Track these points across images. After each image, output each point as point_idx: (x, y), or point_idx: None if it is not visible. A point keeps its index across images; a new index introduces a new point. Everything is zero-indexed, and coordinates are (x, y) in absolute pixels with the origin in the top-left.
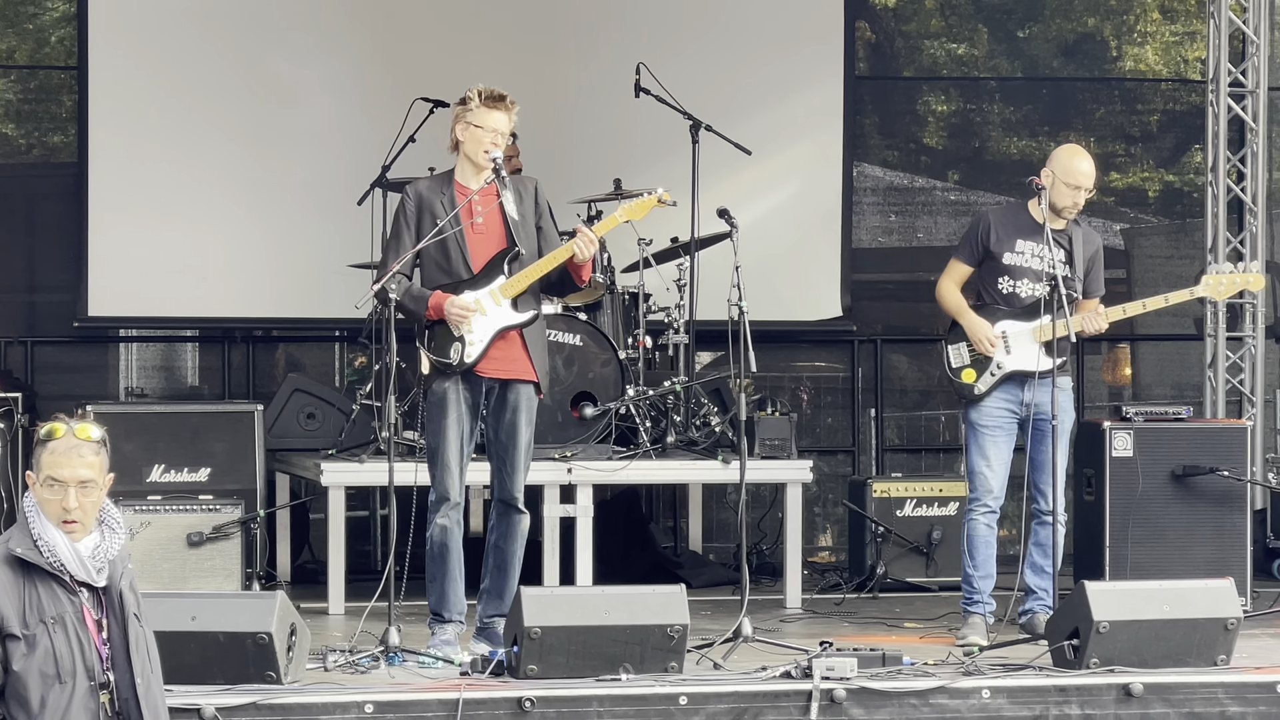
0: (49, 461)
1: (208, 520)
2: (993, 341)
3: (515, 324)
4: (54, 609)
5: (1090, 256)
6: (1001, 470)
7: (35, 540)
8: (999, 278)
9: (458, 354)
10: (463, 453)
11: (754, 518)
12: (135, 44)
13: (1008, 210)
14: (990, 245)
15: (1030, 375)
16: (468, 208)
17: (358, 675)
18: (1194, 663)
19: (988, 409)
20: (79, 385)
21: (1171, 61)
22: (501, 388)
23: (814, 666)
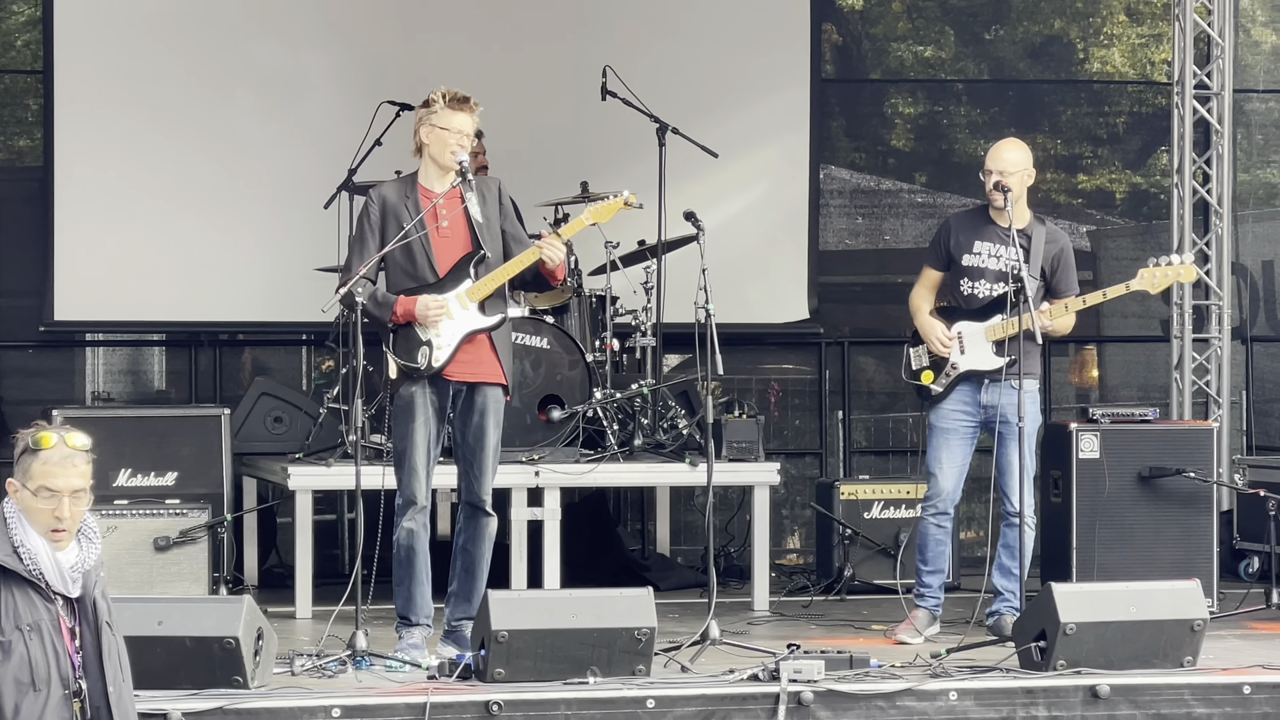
0: (41, 471)
1: (174, 524)
2: (944, 341)
3: (482, 328)
4: (30, 616)
5: (1054, 255)
6: (954, 473)
7: (15, 547)
8: (960, 279)
9: (425, 358)
10: (429, 456)
11: (722, 520)
12: (101, 48)
13: (968, 214)
14: (951, 249)
15: (985, 375)
16: (433, 211)
17: (325, 679)
18: (1160, 664)
19: (945, 411)
20: (45, 390)
21: (1138, 63)
22: (469, 390)
23: (781, 669)
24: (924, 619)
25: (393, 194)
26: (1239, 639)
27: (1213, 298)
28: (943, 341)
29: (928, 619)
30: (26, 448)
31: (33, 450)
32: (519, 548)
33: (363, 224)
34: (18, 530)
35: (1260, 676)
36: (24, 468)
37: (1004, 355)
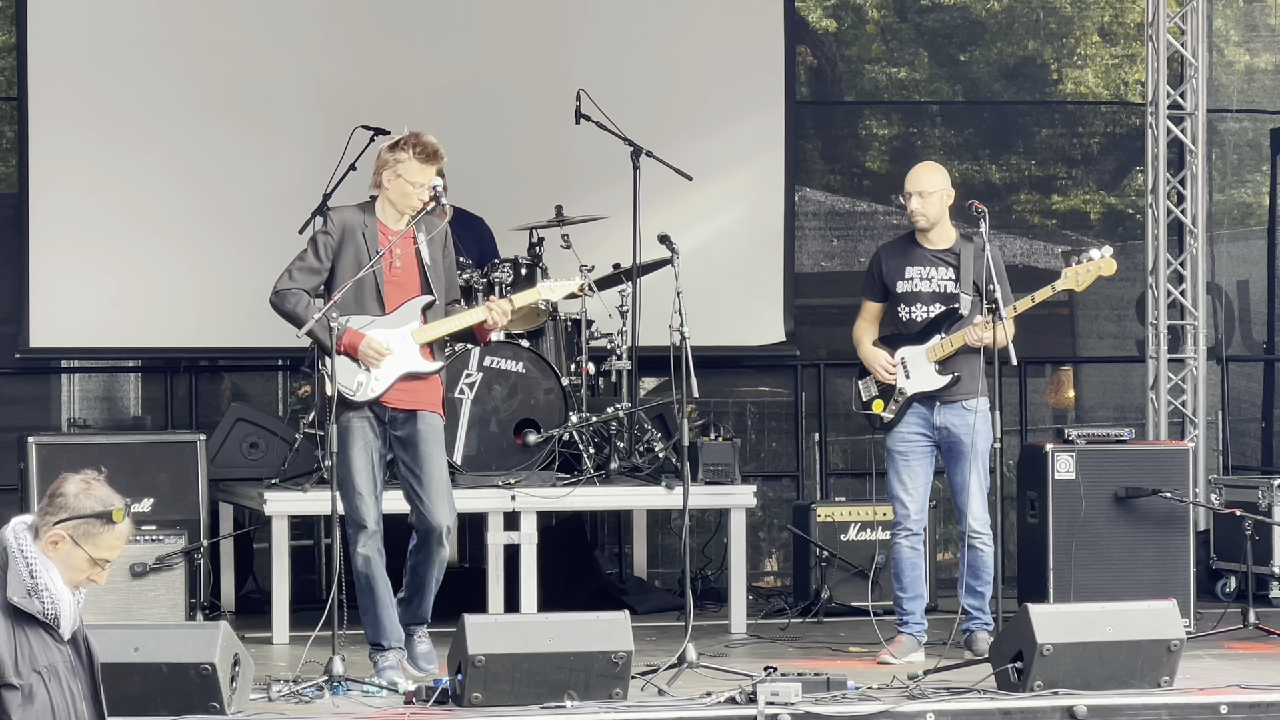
0: (109, 544)
1: (151, 551)
2: (887, 369)
3: (422, 372)
4: (46, 659)
5: (983, 268)
6: (919, 493)
7: (31, 589)
8: (897, 307)
9: (360, 388)
10: (375, 479)
11: (698, 543)
12: (75, 75)
13: (897, 242)
14: (884, 278)
15: (934, 397)
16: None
17: (302, 705)
18: (1138, 684)
19: (900, 435)
20: (20, 416)
21: (1112, 84)
22: (407, 418)
23: (758, 692)
24: (909, 644)
25: (352, 220)
26: (1216, 659)
27: (1188, 318)
28: (886, 369)
29: (913, 644)
30: (97, 513)
31: (106, 521)
32: (496, 572)
33: (316, 242)
34: (42, 573)
35: (1237, 696)
36: (89, 533)
37: (947, 373)
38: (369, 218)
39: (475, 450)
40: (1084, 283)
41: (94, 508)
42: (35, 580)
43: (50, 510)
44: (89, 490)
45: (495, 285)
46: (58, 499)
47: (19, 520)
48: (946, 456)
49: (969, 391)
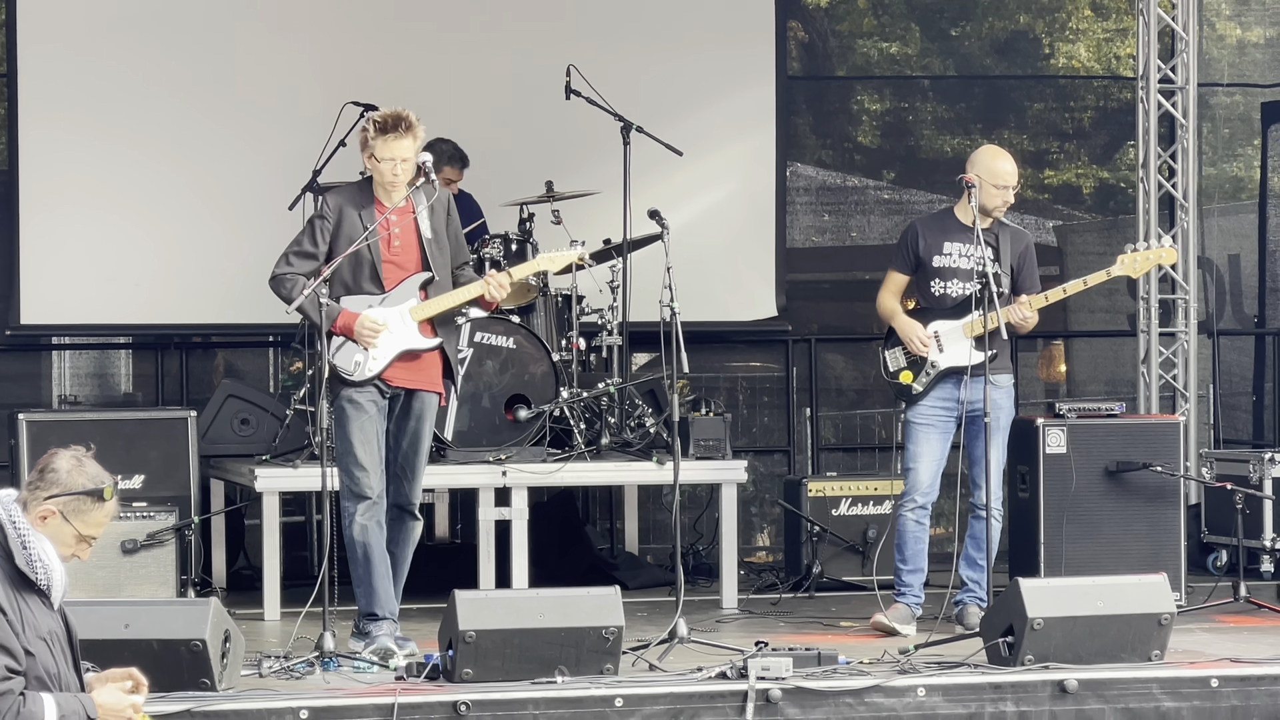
0: (97, 521)
1: (142, 527)
2: (924, 341)
3: (419, 349)
4: (45, 625)
5: (1020, 254)
6: (933, 467)
7: (28, 560)
8: (931, 281)
9: (358, 367)
10: (378, 452)
11: (690, 518)
12: (65, 51)
13: (934, 217)
14: (920, 252)
15: (964, 371)
16: (385, 225)
17: (293, 681)
18: (1128, 658)
19: (923, 408)
20: (11, 393)
21: (1103, 58)
22: (406, 396)
23: (749, 667)
24: (903, 613)
25: (349, 203)
26: (1207, 632)
27: (1179, 292)
28: (923, 341)
29: (908, 614)
30: (88, 490)
31: (97, 498)
32: (487, 548)
33: (314, 223)
34: (35, 544)
35: (1228, 670)
36: (79, 509)
37: (983, 350)
38: (366, 197)
39: (466, 426)
40: (1140, 270)
41: (85, 485)
42: (29, 552)
43: (41, 485)
44: (80, 467)
45: (485, 261)
46: (49, 474)
47: (7, 493)
48: (968, 430)
49: (998, 367)
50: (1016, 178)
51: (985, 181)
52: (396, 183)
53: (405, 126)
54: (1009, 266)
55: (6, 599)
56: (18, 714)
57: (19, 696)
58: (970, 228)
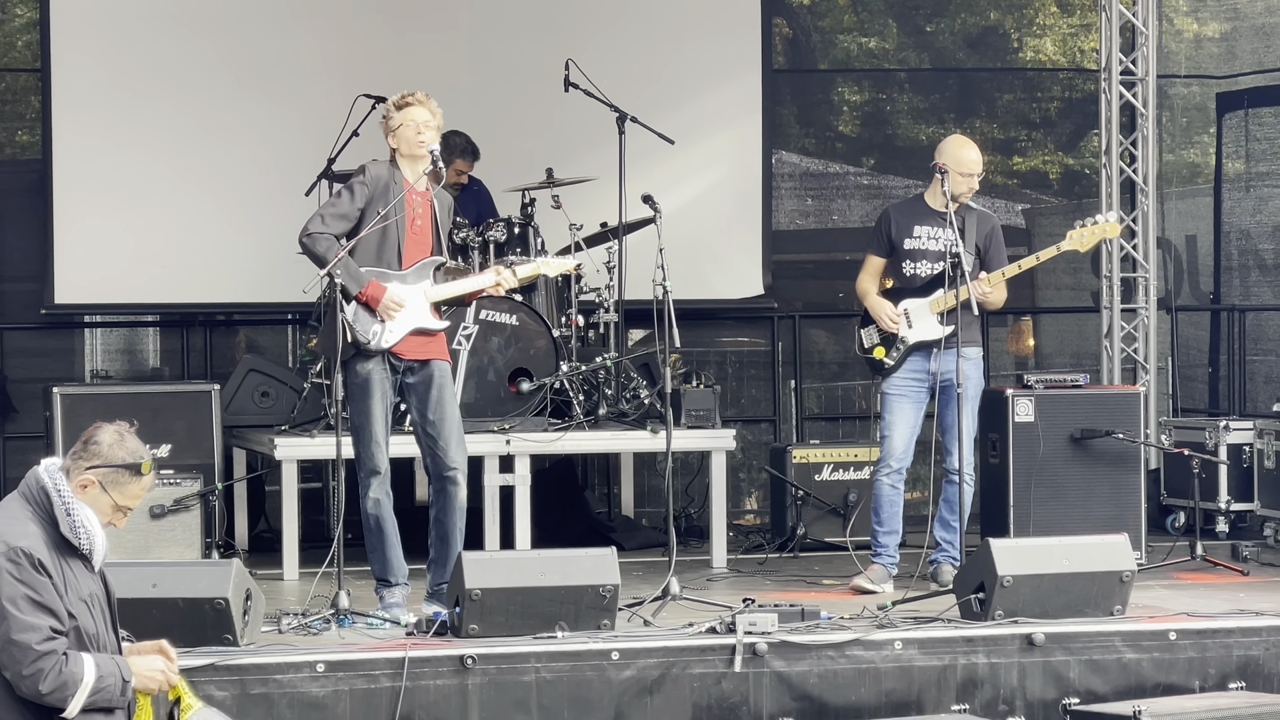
0: (134, 494)
1: (169, 494)
2: (894, 319)
3: (431, 329)
4: (87, 588)
5: (986, 235)
6: (907, 435)
7: (71, 525)
8: (902, 262)
9: (375, 337)
10: (387, 427)
11: (682, 484)
12: (95, 48)
13: (906, 202)
14: (892, 235)
15: (933, 345)
16: (410, 206)
17: (310, 637)
18: (1092, 613)
19: (896, 380)
20: (47, 368)
21: (1069, 52)
22: (421, 367)
23: (737, 622)
24: (881, 573)
25: (385, 175)
26: (1166, 589)
27: (1139, 270)
28: (891, 319)
29: (884, 574)
30: (127, 464)
31: (135, 472)
32: (492, 512)
33: (352, 189)
34: (77, 510)
35: (1185, 624)
36: (117, 481)
37: (949, 324)
38: (397, 176)
39: (473, 398)
40: (1087, 244)
41: (125, 459)
42: (72, 518)
43: (84, 455)
44: (122, 442)
45: (490, 243)
46: (92, 446)
47: (50, 462)
48: (940, 399)
49: (966, 340)
50: (981, 165)
51: (952, 169)
52: (420, 150)
53: (420, 97)
54: (974, 247)
55: (51, 563)
56: (60, 672)
57: (61, 656)
58: (939, 211)
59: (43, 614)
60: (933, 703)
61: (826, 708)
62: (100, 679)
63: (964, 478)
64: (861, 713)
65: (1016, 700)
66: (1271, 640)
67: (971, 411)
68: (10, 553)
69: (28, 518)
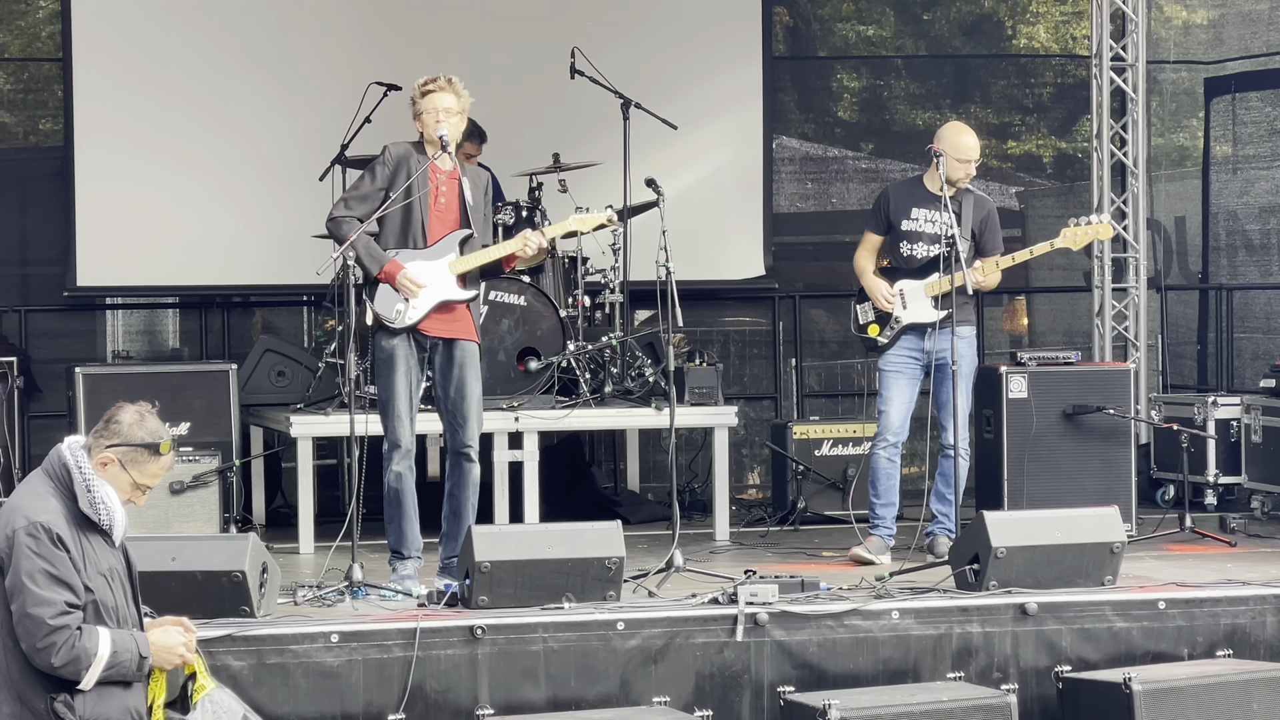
0: (153, 472)
1: (188, 470)
2: (888, 298)
3: (457, 300)
4: (106, 563)
5: (982, 219)
6: (902, 410)
7: (91, 502)
8: (899, 242)
9: (399, 315)
10: (411, 403)
11: (686, 459)
12: (115, 36)
13: (905, 183)
14: (890, 215)
15: (926, 326)
16: (434, 185)
17: (325, 608)
18: (1083, 583)
19: (891, 358)
20: (69, 349)
21: (1061, 38)
22: (446, 346)
23: (739, 593)
24: (878, 544)
25: (407, 155)
26: (1155, 560)
27: (1130, 251)
28: (887, 298)
29: (881, 545)
30: (146, 444)
31: (154, 452)
32: (501, 487)
33: (374, 170)
34: (98, 487)
35: (1174, 593)
36: (136, 460)
37: (941, 309)
38: (421, 155)
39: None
40: (1080, 243)
41: (144, 438)
42: (92, 494)
43: (105, 434)
44: (142, 422)
45: (499, 226)
46: (113, 425)
47: (73, 440)
48: (935, 377)
49: (960, 319)
50: (979, 152)
51: (949, 155)
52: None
53: (446, 82)
54: (970, 231)
55: (71, 537)
56: (73, 647)
57: (75, 631)
58: (937, 195)
59: (59, 588)
60: (929, 670)
61: (825, 675)
62: (115, 654)
63: (959, 453)
64: (860, 680)
65: (1010, 668)
66: (1258, 609)
67: (966, 388)
68: (30, 527)
69: (49, 493)
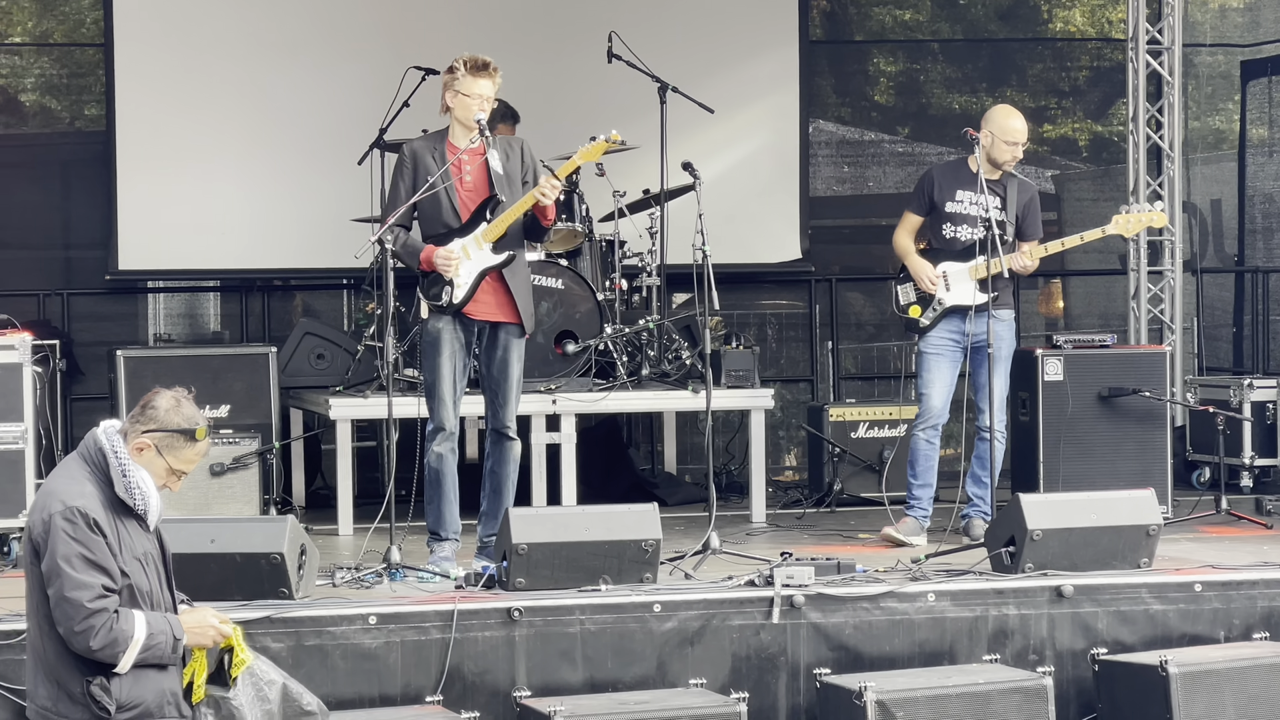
0: (190, 458)
1: (229, 452)
2: (933, 280)
3: (495, 264)
4: (141, 547)
5: (1025, 204)
6: (944, 392)
7: (127, 486)
8: (943, 224)
9: (448, 296)
10: (456, 387)
11: (723, 441)
12: (155, 23)
13: (949, 165)
14: (934, 196)
15: (968, 309)
16: (457, 164)
17: (363, 590)
18: (1119, 566)
19: (932, 339)
20: (111, 332)
21: (1097, 22)
22: (491, 329)
23: (775, 575)
24: (913, 525)
25: (423, 149)
26: (1191, 542)
27: (1165, 234)
28: (931, 280)
29: (916, 526)
30: (182, 429)
31: (190, 438)
32: (539, 469)
33: (396, 176)
34: (133, 472)
35: (1210, 575)
36: (172, 445)
37: (985, 292)
38: (439, 142)
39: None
40: (1133, 230)
41: (180, 424)
42: (128, 479)
43: (141, 419)
44: (178, 408)
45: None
46: (149, 410)
47: (109, 424)
48: (973, 359)
49: (1000, 304)
50: (1026, 135)
51: (997, 137)
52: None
53: (493, 69)
54: (1014, 215)
55: (106, 522)
56: (110, 629)
57: (112, 614)
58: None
59: (95, 572)
60: (965, 653)
61: (861, 657)
62: (151, 636)
63: (996, 435)
64: (896, 662)
65: (1046, 650)
66: None
67: (1004, 371)
68: (66, 511)
69: (85, 478)
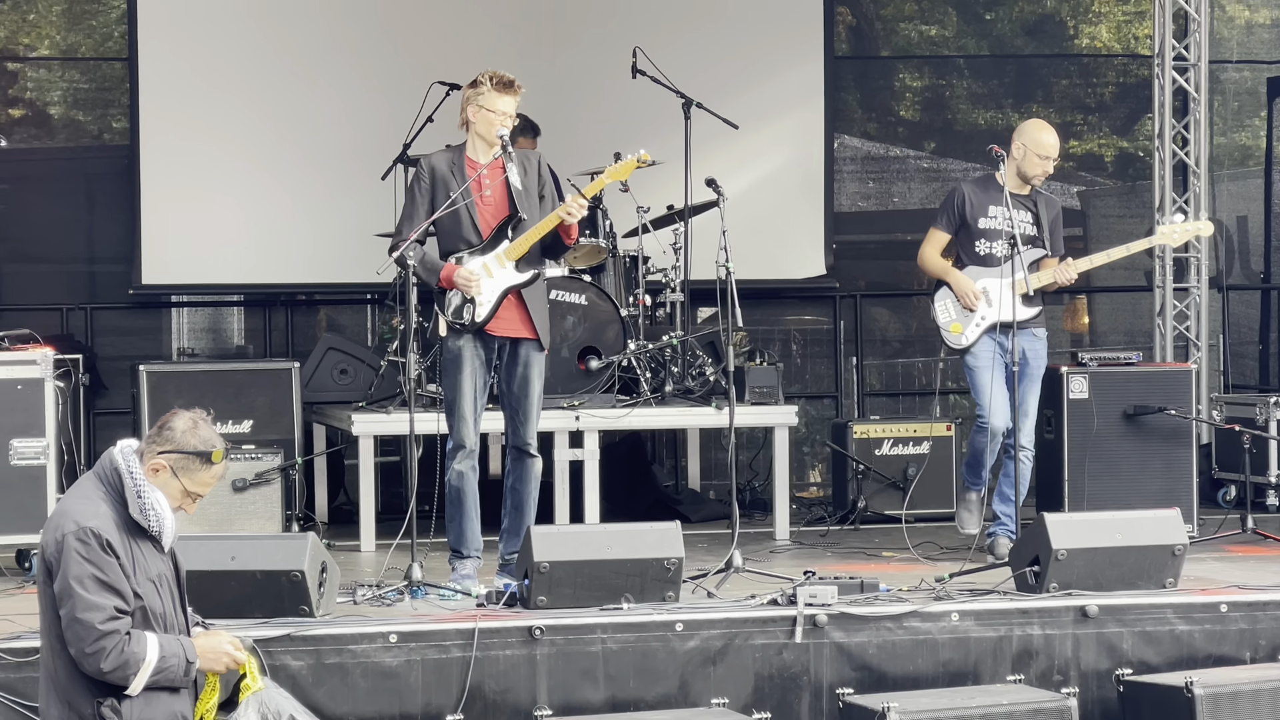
0: (205, 481)
1: (251, 468)
2: (976, 296)
3: (518, 283)
4: (155, 568)
5: (1053, 219)
6: (1000, 395)
7: (141, 507)
8: (976, 241)
9: (469, 314)
10: (476, 404)
11: (747, 458)
12: (180, 38)
13: (979, 181)
14: (966, 214)
15: (1009, 324)
16: (477, 181)
17: (384, 608)
18: (1145, 586)
19: (979, 353)
20: (134, 347)
21: (1123, 38)
22: (511, 346)
23: (798, 594)
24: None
25: (442, 164)
26: (1217, 561)
27: (1191, 250)
28: (974, 295)
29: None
30: (198, 451)
31: (206, 460)
32: (562, 486)
33: (414, 191)
34: (148, 493)
35: (1236, 596)
36: (188, 467)
37: (1029, 306)
38: (457, 157)
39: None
40: (1180, 240)
41: (197, 446)
42: (142, 500)
43: (158, 440)
44: (195, 429)
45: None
46: (166, 431)
47: (126, 444)
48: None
49: (1038, 321)
50: (1058, 149)
51: (1030, 150)
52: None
53: (517, 86)
54: (1046, 229)
55: (120, 543)
56: (121, 651)
57: (124, 636)
58: (1013, 193)
59: (108, 594)
60: (989, 673)
61: (885, 677)
62: (163, 659)
63: (1023, 453)
64: (919, 682)
65: (1071, 671)
66: None
67: (1037, 389)
68: (80, 532)
69: (99, 498)
